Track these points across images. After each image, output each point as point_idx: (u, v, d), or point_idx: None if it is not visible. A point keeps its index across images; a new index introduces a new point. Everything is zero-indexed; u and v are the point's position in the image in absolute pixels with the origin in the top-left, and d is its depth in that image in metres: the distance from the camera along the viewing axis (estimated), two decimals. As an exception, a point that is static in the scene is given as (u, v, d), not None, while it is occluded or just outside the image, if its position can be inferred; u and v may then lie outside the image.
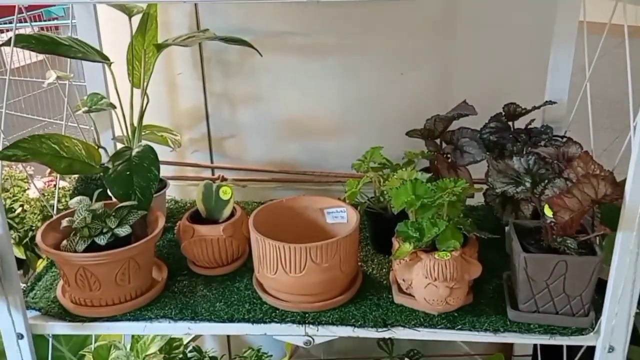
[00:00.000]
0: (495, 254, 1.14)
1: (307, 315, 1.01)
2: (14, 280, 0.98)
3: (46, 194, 1.64)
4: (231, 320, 1.02)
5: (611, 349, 0.96)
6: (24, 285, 1.10)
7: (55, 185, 1.64)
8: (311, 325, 1.01)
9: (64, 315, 1.03)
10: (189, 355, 1.42)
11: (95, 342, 1.41)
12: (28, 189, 1.71)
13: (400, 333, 1.00)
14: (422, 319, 1.00)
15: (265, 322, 1.01)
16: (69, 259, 0.99)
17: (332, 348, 1.60)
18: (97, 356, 1.31)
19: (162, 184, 1.27)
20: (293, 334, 1.01)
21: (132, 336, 1.32)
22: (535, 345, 1.44)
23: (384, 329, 1.00)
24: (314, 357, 1.59)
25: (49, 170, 1.81)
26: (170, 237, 1.25)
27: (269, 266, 1.01)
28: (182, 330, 1.02)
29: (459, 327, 0.99)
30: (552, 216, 0.90)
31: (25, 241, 1.62)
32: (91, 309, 1.02)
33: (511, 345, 1.50)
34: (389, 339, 1.42)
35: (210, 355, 1.43)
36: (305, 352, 1.59)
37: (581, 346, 1.09)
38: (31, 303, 1.05)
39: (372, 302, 1.04)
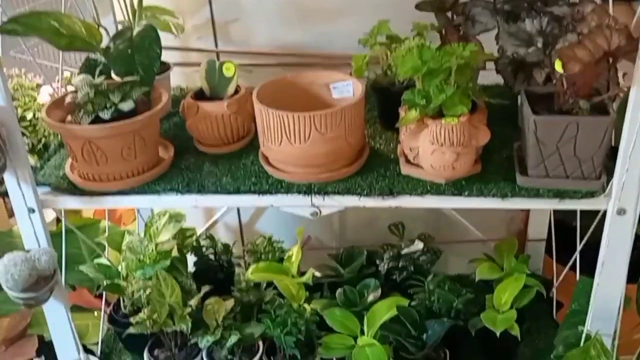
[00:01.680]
0: (507, 127, 1.12)
1: (313, 186, 1.01)
2: (21, 154, 0.98)
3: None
4: (237, 192, 1.02)
5: (622, 212, 0.94)
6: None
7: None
8: (317, 196, 1.00)
9: (74, 190, 1.04)
10: (202, 242, 1.45)
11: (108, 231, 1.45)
12: (38, 95, 1.70)
13: (407, 201, 1.00)
14: (429, 187, 0.99)
15: (271, 194, 1.02)
16: (74, 131, 1.00)
17: (344, 237, 1.62)
18: (111, 241, 1.35)
19: (166, 67, 1.25)
20: (299, 205, 1.02)
21: (145, 224, 1.35)
22: (549, 228, 1.44)
23: (390, 196, 0.99)
24: (326, 246, 1.61)
25: (57, 77, 1.81)
26: (177, 120, 1.24)
27: (273, 137, 1.00)
28: (189, 202, 1.03)
29: (466, 193, 0.98)
30: (562, 70, 0.86)
31: (38, 148, 1.63)
32: (99, 183, 1.03)
33: (525, 229, 1.50)
34: (400, 223, 1.43)
35: (223, 242, 1.45)
36: (318, 241, 1.61)
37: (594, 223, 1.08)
38: (41, 180, 1.07)
39: (379, 174, 1.03)
